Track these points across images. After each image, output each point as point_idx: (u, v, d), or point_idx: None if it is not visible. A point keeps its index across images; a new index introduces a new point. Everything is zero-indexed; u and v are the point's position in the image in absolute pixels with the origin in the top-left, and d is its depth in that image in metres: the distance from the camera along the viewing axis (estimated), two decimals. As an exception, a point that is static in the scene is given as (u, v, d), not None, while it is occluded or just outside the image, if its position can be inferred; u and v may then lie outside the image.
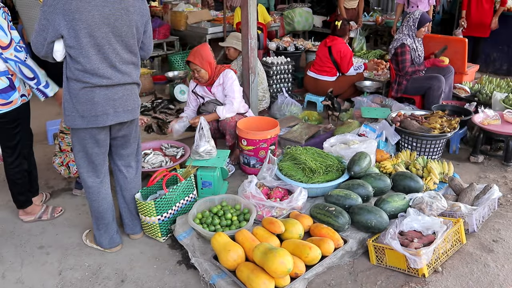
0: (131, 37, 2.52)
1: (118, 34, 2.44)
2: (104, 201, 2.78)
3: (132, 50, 2.56)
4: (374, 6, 9.85)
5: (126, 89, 2.59)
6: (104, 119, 2.53)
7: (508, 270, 2.59)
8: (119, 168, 2.88)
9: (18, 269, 2.76)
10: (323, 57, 5.43)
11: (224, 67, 3.90)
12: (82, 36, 2.33)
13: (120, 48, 2.48)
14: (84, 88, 2.43)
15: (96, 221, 2.84)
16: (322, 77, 5.45)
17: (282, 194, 3.11)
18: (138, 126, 2.88)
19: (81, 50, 2.36)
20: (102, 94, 2.47)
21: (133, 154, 2.89)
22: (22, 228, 3.17)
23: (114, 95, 2.52)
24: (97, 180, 2.73)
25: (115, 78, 2.50)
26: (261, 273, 2.28)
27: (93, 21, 2.33)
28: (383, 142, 3.95)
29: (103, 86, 2.47)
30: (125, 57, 2.53)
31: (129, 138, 2.80)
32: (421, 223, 2.75)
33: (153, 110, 5.45)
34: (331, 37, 5.43)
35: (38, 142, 4.57)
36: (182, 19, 7.40)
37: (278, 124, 3.84)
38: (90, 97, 2.45)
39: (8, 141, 2.94)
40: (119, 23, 2.42)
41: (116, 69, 2.49)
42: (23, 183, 3.10)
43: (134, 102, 2.66)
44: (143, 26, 2.60)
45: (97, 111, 2.49)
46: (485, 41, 6.95)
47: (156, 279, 2.65)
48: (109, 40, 2.42)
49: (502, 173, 3.87)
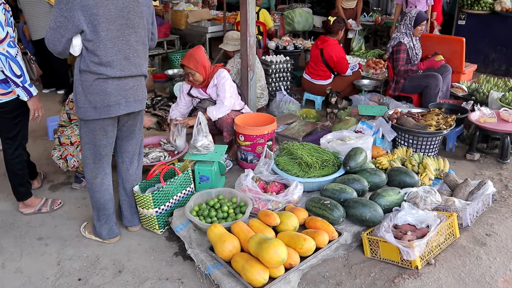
0: (143, 28, 2.64)
1: (131, 25, 2.55)
2: (106, 192, 2.84)
3: (143, 42, 2.68)
4: (373, 7, 9.90)
5: (137, 80, 2.69)
6: (116, 109, 2.62)
7: (500, 263, 2.63)
8: (122, 160, 2.94)
9: (18, 259, 2.80)
10: (316, 59, 5.41)
11: (217, 67, 3.93)
12: (101, 30, 2.42)
13: (134, 40, 2.59)
14: (98, 79, 2.51)
15: (98, 212, 2.88)
16: (317, 81, 5.46)
17: (278, 188, 3.15)
18: (143, 118, 2.97)
19: (99, 44, 2.45)
20: (114, 84, 2.56)
21: (137, 146, 2.95)
22: (22, 220, 3.21)
23: (126, 86, 2.62)
24: (102, 172, 2.79)
25: (128, 70, 2.60)
26: (256, 263, 2.31)
27: (109, 15, 2.43)
28: (379, 139, 3.99)
29: (116, 78, 2.56)
30: (138, 49, 2.63)
31: (134, 129, 2.88)
32: (415, 216, 2.78)
33: (153, 107, 5.50)
34: (323, 38, 5.37)
35: (38, 137, 4.64)
36: (182, 18, 7.46)
37: (276, 120, 3.88)
38: (103, 88, 2.54)
39: (8, 131, 2.98)
40: (132, 15, 2.53)
41: (130, 60, 2.60)
42: (24, 174, 3.14)
43: (143, 93, 2.77)
44: (151, 16, 2.73)
45: (110, 101, 2.57)
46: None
47: (153, 270, 2.68)
48: (123, 32, 2.52)
49: (497, 170, 3.91)
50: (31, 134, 3.39)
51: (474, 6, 7.21)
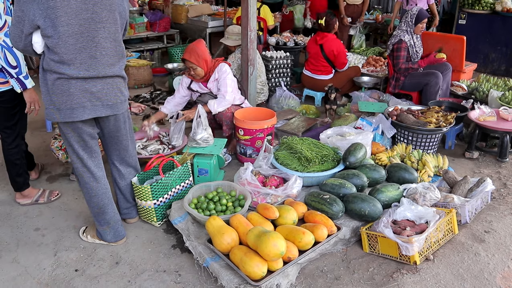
0: (113, 23, 2.37)
1: (98, 20, 2.30)
2: (104, 196, 2.67)
3: (115, 38, 2.41)
4: (374, 5, 9.88)
5: (107, 82, 2.43)
6: (80, 113, 2.37)
7: (498, 259, 2.62)
8: (112, 162, 2.82)
9: (14, 249, 2.78)
10: (316, 55, 5.38)
11: (218, 61, 3.90)
12: (59, 25, 2.19)
13: (101, 36, 2.33)
14: (59, 79, 2.30)
15: (97, 217, 2.72)
16: (318, 76, 5.44)
17: (278, 183, 3.14)
18: (129, 123, 2.74)
19: (58, 40, 2.22)
20: (78, 85, 2.33)
21: (125, 150, 2.78)
22: (19, 210, 3.19)
23: (92, 88, 2.37)
24: (93, 175, 2.61)
25: (94, 70, 2.35)
26: (255, 256, 2.30)
27: (69, 8, 2.19)
28: (379, 135, 3.98)
29: (80, 78, 2.33)
30: (107, 46, 2.38)
31: (117, 135, 2.67)
32: (414, 212, 2.78)
33: (152, 101, 5.49)
34: (321, 34, 5.33)
35: (36, 129, 4.61)
36: (182, 12, 7.44)
37: (275, 115, 3.87)
38: (65, 88, 2.31)
39: (7, 121, 2.96)
40: (98, 7, 2.28)
41: (97, 59, 2.35)
42: (21, 164, 3.12)
43: (116, 97, 2.49)
44: (125, 10, 2.47)
45: (73, 103, 2.34)
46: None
47: (151, 262, 2.67)
48: (88, 28, 2.27)
49: (496, 168, 3.90)
50: (29, 125, 3.37)
51: (475, 5, 7.20)
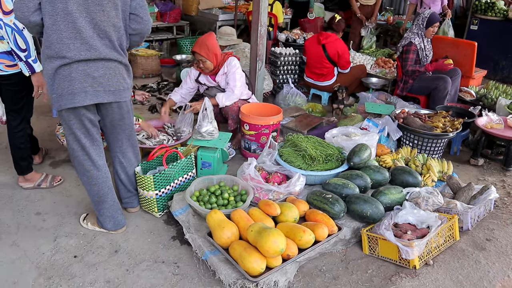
0: (113, 8, 2.35)
1: (97, 2, 2.28)
2: (104, 185, 2.67)
3: (114, 24, 2.38)
4: (386, 6, 9.82)
5: (109, 67, 2.41)
6: (82, 98, 2.36)
7: (498, 268, 2.61)
8: (114, 152, 2.81)
9: (14, 232, 2.79)
10: (318, 56, 5.25)
11: (228, 55, 3.89)
12: (57, 1, 2.20)
13: (99, 20, 2.31)
14: (61, 66, 2.30)
15: (97, 206, 2.72)
16: (321, 83, 5.37)
17: (281, 179, 3.13)
18: (130, 113, 2.72)
19: (57, 17, 2.22)
20: (80, 69, 2.33)
21: (128, 139, 2.78)
22: (21, 194, 3.20)
23: (94, 72, 2.36)
24: (94, 163, 2.61)
25: (95, 52, 2.33)
26: (254, 252, 2.29)
27: None
28: (384, 137, 3.96)
29: (81, 61, 2.32)
30: (107, 30, 2.35)
31: (120, 125, 2.67)
32: (416, 216, 2.76)
33: (159, 92, 5.49)
34: (324, 34, 5.25)
35: (42, 113, 4.62)
36: (193, 4, 7.42)
37: (282, 112, 3.85)
38: (67, 73, 2.31)
39: (13, 104, 2.96)
40: None
41: (96, 41, 2.33)
42: (26, 148, 3.13)
43: (118, 83, 2.47)
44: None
45: (74, 88, 2.33)
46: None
47: (150, 252, 2.67)
48: (87, 8, 2.27)
49: (501, 177, 3.88)
50: (36, 109, 3.36)
51: (488, 11, 7.14)
